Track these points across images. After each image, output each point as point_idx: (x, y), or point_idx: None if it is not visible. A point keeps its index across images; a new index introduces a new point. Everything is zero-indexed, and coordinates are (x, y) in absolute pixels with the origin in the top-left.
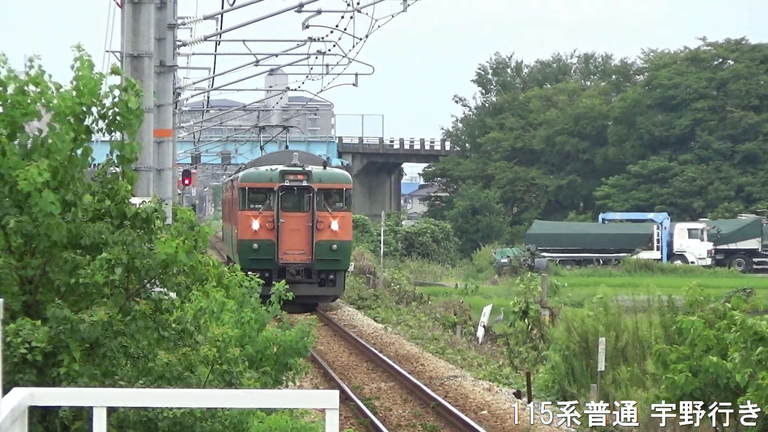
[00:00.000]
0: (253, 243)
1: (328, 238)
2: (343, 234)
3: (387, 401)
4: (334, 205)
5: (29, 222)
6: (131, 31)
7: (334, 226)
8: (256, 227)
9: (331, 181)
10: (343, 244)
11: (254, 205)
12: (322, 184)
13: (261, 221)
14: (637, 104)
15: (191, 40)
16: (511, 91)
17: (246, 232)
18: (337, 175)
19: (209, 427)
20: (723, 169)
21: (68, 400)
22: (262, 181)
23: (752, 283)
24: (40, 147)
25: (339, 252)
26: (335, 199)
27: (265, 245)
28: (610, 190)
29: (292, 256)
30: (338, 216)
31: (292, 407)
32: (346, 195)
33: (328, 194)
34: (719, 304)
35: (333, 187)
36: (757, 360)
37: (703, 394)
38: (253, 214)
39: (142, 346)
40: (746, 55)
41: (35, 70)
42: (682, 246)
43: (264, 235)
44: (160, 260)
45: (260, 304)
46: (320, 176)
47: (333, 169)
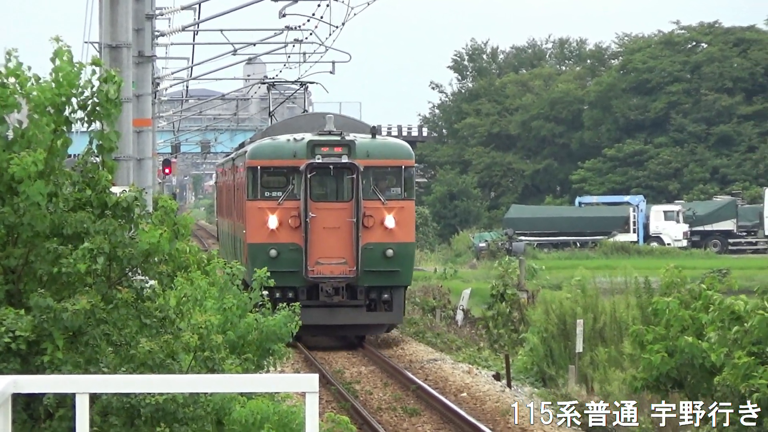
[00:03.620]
0: (269, 248)
1: (381, 240)
2: (402, 234)
3: (368, 385)
4: (389, 192)
5: (11, 213)
6: (109, 22)
7: (389, 222)
8: (274, 225)
9: (384, 155)
10: (402, 248)
11: (271, 193)
12: (371, 160)
13: (281, 216)
14: (612, 88)
15: (169, 31)
16: (487, 76)
17: (259, 232)
18: (393, 147)
19: (191, 413)
20: (698, 151)
21: (51, 387)
22: (283, 156)
23: (728, 264)
24: (20, 138)
25: (397, 260)
26: (390, 182)
27: (288, 252)
28: (586, 173)
29: (327, 267)
30: (395, 207)
31: (273, 391)
32: (407, 176)
33: (379, 175)
34: (695, 285)
35: (387, 164)
36: (734, 339)
37: (679, 374)
38: (270, 207)
39: (124, 333)
40: (719, 38)
41: (13, 62)
42: (658, 228)
43: (286, 237)
44: (142, 249)
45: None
46: (368, 149)
47: (386, 138)
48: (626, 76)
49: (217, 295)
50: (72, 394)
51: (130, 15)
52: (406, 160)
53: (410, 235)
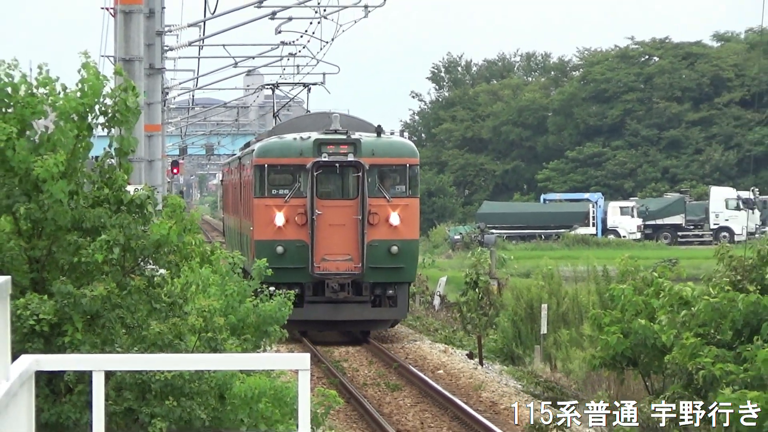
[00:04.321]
0: (276, 245)
1: (386, 237)
2: (406, 231)
3: (354, 363)
4: (394, 189)
5: (36, 209)
6: (123, 38)
7: (394, 219)
8: (281, 222)
9: (389, 153)
10: (406, 245)
11: (278, 191)
12: (377, 158)
13: (288, 214)
14: (573, 97)
15: (177, 45)
16: (461, 86)
17: (266, 229)
18: (398, 146)
19: (197, 388)
20: (650, 153)
21: (71, 365)
22: (289, 155)
23: (677, 254)
24: (46, 142)
25: (401, 257)
26: (395, 179)
27: (294, 248)
28: (550, 173)
29: (333, 263)
30: (400, 205)
31: (269, 369)
32: (411, 174)
33: (384, 173)
34: (647, 273)
35: (392, 162)
36: (682, 322)
37: (633, 353)
38: (276, 204)
39: (137, 317)
40: (670, 52)
41: (44, 74)
42: (615, 222)
43: (292, 234)
44: (153, 241)
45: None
46: (373, 147)
47: (391, 137)
48: (586, 86)
49: (219, 282)
50: (89, 371)
51: (141, 31)
52: (411, 158)
53: (414, 232)
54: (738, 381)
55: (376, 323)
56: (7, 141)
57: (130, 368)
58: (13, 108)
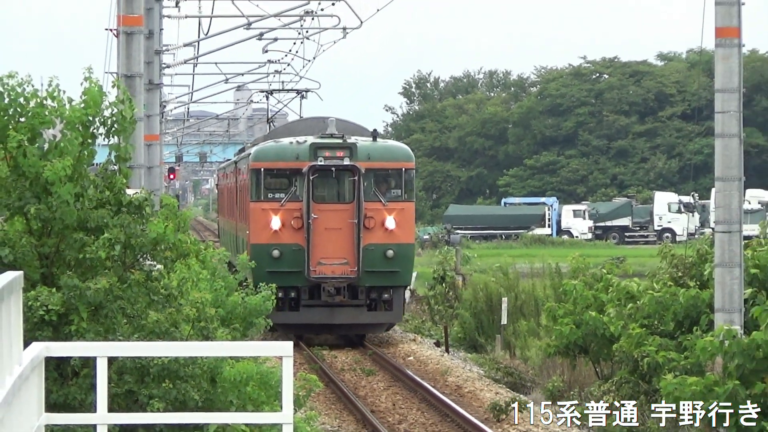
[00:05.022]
0: (272, 249)
1: (381, 241)
2: (402, 234)
3: (333, 350)
4: (390, 193)
5: (46, 209)
6: (125, 56)
7: (390, 223)
8: (277, 226)
9: (385, 158)
10: (402, 248)
11: (273, 195)
12: (373, 162)
13: (284, 217)
14: (531, 110)
15: (174, 63)
16: (430, 101)
17: (262, 233)
18: (394, 150)
19: (190, 372)
20: (600, 161)
21: (77, 352)
22: (285, 159)
23: (624, 253)
24: (54, 149)
25: (397, 260)
26: (391, 184)
27: (290, 252)
28: (510, 179)
29: (329, 267)
30: (395, 209)
31: (256, 355)
32: (407, 178)
33: (380, 177)
34: (597, 270)
35: (388, 166)
36: (628, 314)
37: (585, 342)
38: (273, 208)
39: (136, 308)
40: (618, 70)
41: (53, 87)
42: (568, 224)
43: (288, 238)
44: (151, 238)
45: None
46: (369, 151)
47: (387, 141)
48: (543, 101)
49: (209, 276)
50: (94, 357)
51: (141, 50)
52: (407, 162)
53: (410, 236)
54: (679, 367)
55: (372, 327)
56: (19, 148)
57: (131, 354)
58: (24, 118)
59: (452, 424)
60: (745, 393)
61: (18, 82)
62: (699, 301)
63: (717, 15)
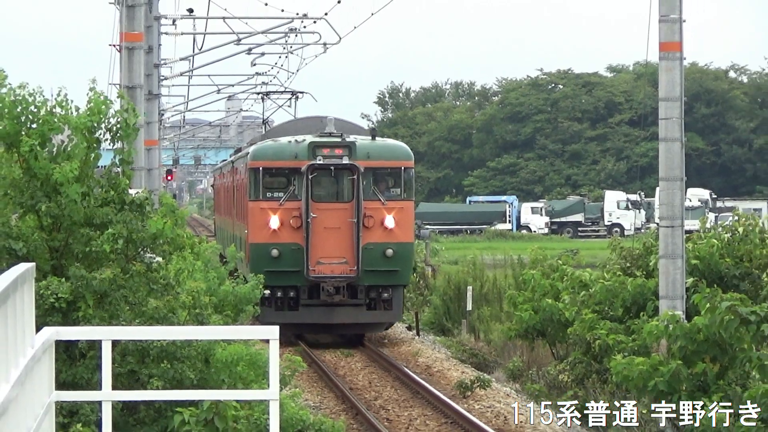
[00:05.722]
0: (271, 248)
1: (381, 240)
2: (401, 233)
3: (315, 335)
4: (389, 192)
5: (55, 207)
6: (127, 69)
7: (389, 222)
8: (276, 225)
9: (384, 156)
10: (401, 248)
11: (272, 194)
12: (372, 161)
13: (282, 217)
14: (493, 118)
15: (171, 75)
16: (402, 109)
17: (261, 232)
18: (393, 149)
19: (186, 353)
20: (556, 164)
21: (84, 335)
22: (284, 158)
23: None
24: (62, 153)
25: (396, 260)
26: (390, 182)
27: (289, 251)
28: (474, 179)
29: (328, 266)
30: (395, 207)
31: (245, 338)
32: (407, 177)
33: (379, 176)
34: (553, 261)
35: (387, 165)
36: (581, 301)
37: (542, 326)
38: (271, 207)
39: (137, 296)
40: (572, 81)
41: (62, 96)
42: (527, 219)
43: (287, 237)
44: (151, 233)
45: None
46: (368, 150)
47: (386, 140)
48: (504, 109)
49: (203, 268)
50: (99, 340)
51: (142, 64)
52: (406, 161)
53: (410, 235)
54: (627, 349)
55: (371, 326)
56: (31, 151)
57: (132, 338)
58: (35, 125)
59: (422, 400)
60: (687, 372)
61: (29, 92)
62: (645, 289)
63: (661, 31)
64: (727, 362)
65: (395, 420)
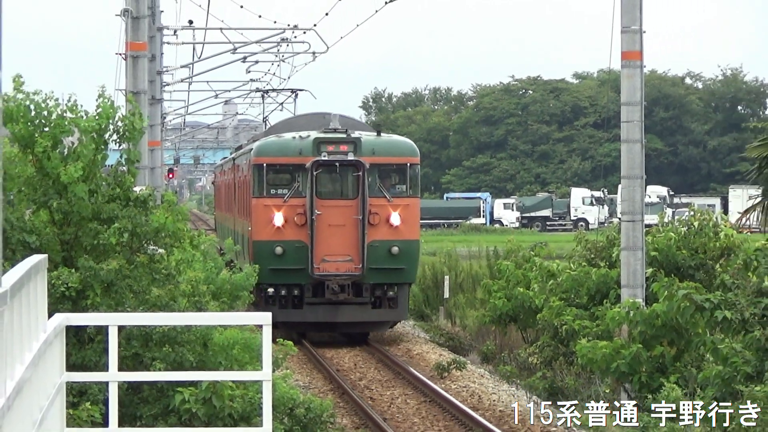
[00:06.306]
0: (275, 246)
1: (386, 238)
2: (407, 231)
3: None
4: (395, 189)
5: (66, 204)
6: (132, 76)
7: (395, 219)
8: (280, 222)
9: (389, 152)
10: (407, 245)
11: (276, 190)
12: (377, 157)
13: (287, 214)
14: (468, 121)
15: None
16: (385, 113)
17: (264, 229)
18: (398, 145)
19: (186, 338)
20: (526, 163)
21: (92, 321)
22: (288, 154)
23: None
24: (72, 154)
25: (402, 257)
26: (396, 179)
27: (294, 249)
28: (451, 177)
29: (333, 264)
30: (400, 204)
31: (240, 324)
32: (412, 174)
33: (385, 172)
34: (525, 252)
35: (392, 161)
36: (550, 289)
37: (514, 312)
38: (275, 204)
39: (141, 285)
40: (541, 87)
41: (72, 101)
42: (500, 214)
43: (291, 234)
44: (153, 227)
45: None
46: (373, 146)
47: (391, 136)
48: (478, 113)
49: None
50: (106, 326)
51: (146, 71)
52: (412, 157)
53: (416, 233)
54: (591, 333)
55: (376, 325)
56: (43, 152)
57: (137, 323)
58: (48, 127)
59: (404, 380)
60: (646, 354)
61: (42, 98)
62: (608, 279)
63: (623, 41)
64: (683, 346)
65: (378, 399)
